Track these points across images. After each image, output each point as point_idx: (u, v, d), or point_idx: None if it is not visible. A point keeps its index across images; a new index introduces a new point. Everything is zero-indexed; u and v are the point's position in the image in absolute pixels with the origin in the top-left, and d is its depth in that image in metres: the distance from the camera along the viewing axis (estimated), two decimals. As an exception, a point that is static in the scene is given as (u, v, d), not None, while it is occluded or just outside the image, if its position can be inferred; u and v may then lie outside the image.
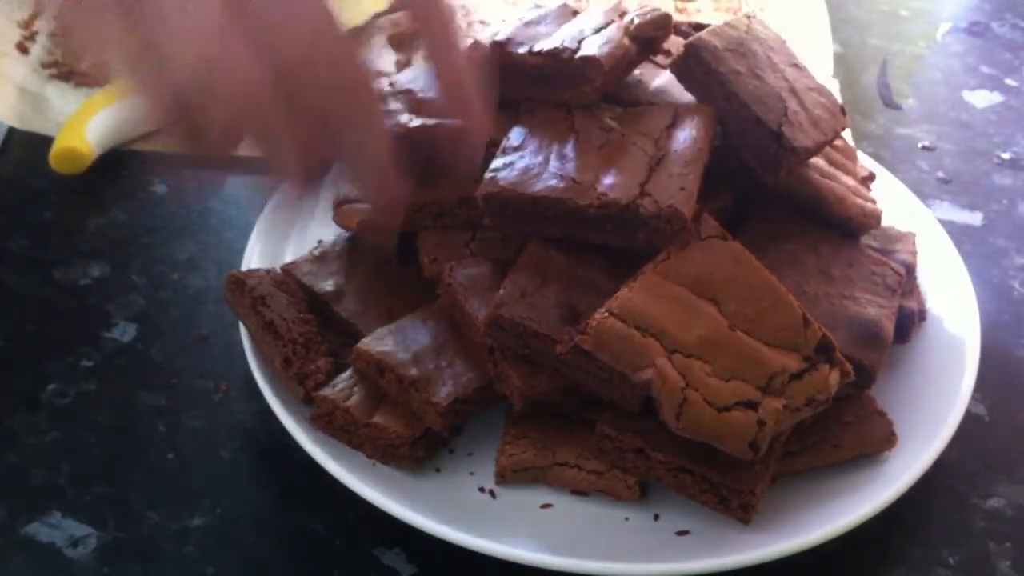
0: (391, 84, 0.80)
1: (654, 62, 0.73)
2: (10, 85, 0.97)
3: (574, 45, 0.67)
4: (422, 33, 0.58)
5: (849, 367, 0.59)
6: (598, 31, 0.69)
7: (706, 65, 0.65)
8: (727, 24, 0.67)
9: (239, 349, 0.68)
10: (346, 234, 0.74)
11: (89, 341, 0.74)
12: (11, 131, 0.93)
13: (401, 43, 1.07)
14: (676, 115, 0.66)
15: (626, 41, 0.68)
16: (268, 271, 0.71)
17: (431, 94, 0.73)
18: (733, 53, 0.65)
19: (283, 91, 0.50)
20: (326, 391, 0.63)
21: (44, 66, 1.00)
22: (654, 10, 0.71)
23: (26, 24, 1.05)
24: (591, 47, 0.66)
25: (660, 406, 0.56)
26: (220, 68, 0.49)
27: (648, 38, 0.70)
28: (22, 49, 1.02)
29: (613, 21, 0.70)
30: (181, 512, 0.63)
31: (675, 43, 0.71)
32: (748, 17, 0.69)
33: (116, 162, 0.90)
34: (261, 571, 0.60)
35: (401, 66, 1.03)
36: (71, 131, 0.87)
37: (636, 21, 0.70)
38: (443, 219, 0.70)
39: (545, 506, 0.61)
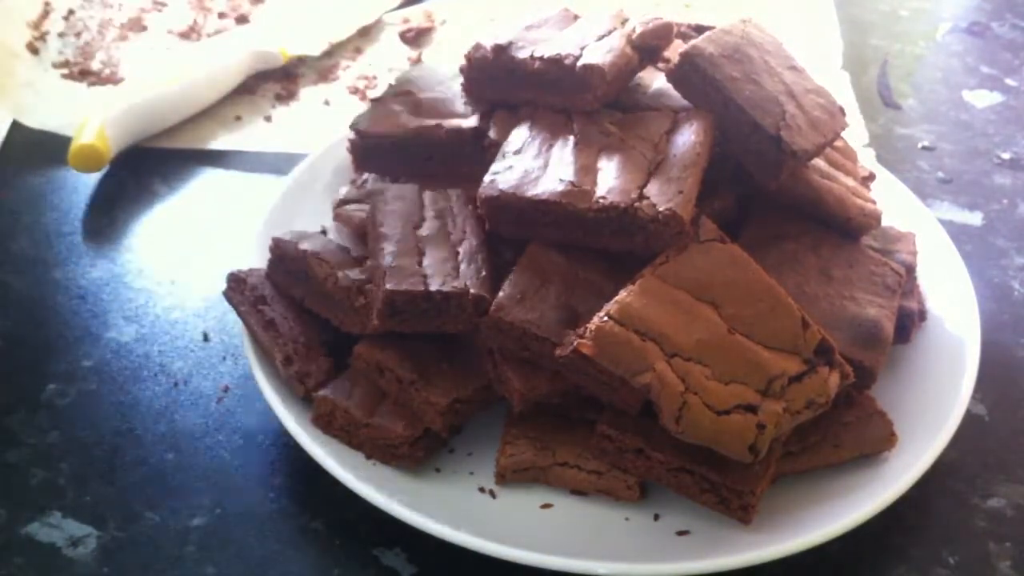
0: (391, 85, 0.80)
1: (654, 65, 0.73)
2: (22, 86, 0.97)
3: (577, 52, 0.67)
4: None
5: (849, 369, 0.59)
6: (600, 39, 0.68)
7: (702, 72, 0.65)
8: (723, 30, 0.67)
9: (239, 349, 0.68)
10: None
11: (89, 341, 0.74)
12: (12, 131, 0.93)
13: (412, 39, 1.07)
14: (675, 120, 0.66)
15: (628, 50, 0.68)
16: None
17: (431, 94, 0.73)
18: (729, 59, 0.65)
19: None
20: (326, 391, 0.63)
21: (55, 66, 1.00)
22: (656, 18, 0.71)
23: (35, 24, 1.04)
24: (594, 55, 0.66)
25: (660, 410, 0.56)
26: None
27: (650, 47, 0.70)
28: (32, 50, 1.02)
29: (615, 29, 0.70)
30: (181, 512, 0.63)
31: (675, 47, 0.71)
32: (744, 21, 0.69)
33: (117, 162, 0.90)
34: (261, 571, 0.60)
35: (412, 62, 1.04)
36: (89, 130, 0.86)
37: (638, 30, 0.70)
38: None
39: (545, 506, 0.61)
